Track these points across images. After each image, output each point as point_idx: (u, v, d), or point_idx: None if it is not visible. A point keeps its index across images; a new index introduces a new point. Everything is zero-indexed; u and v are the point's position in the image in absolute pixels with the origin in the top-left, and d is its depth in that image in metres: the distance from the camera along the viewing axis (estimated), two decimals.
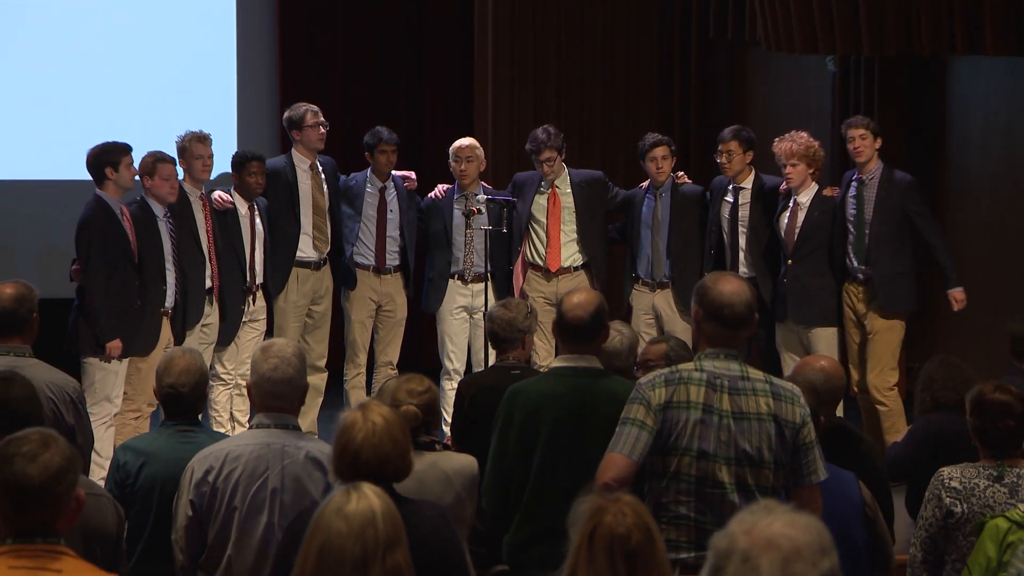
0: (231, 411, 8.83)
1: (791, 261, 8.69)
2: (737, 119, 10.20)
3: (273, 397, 4.79)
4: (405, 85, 12.15)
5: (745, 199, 8.93)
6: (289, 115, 9.16)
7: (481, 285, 9.10)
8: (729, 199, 8.98)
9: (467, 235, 9.18)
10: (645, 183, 9.27)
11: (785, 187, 8.78)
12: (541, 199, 9.27)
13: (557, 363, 5.37)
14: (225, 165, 8.96)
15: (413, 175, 9.39)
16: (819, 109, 10.65)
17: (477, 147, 9.30)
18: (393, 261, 9.25)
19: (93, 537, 4.38)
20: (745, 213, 8.91)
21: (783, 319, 8.74)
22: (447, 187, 9.34)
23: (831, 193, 8.79)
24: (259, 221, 8.86)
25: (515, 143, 10.28)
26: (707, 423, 4.45)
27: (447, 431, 7.81)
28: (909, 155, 9.78)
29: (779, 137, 8.76)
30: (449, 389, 8.73)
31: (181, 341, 8.24)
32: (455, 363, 9.21)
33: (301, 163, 9.10)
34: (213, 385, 8.49)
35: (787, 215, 8.74)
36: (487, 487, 5.36)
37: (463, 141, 9.31)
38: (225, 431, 8.35)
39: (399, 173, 9.31)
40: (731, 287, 4.53)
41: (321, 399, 9.17)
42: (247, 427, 6.74)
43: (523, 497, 5.25)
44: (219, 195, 8.70)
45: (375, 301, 9.27)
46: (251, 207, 8.83)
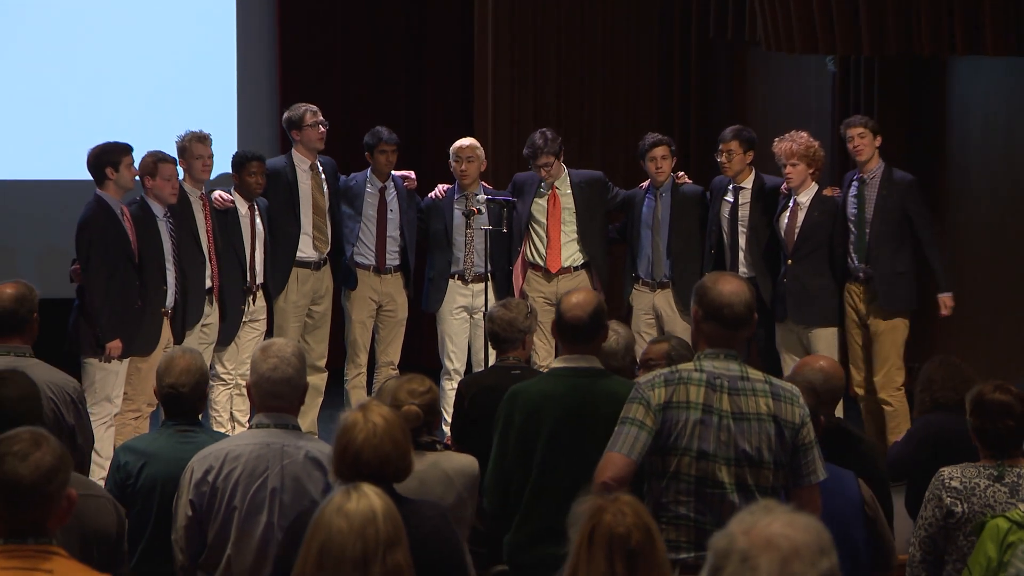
0: (231, 411, 8.84)
1: (791, 261, 8.69)
2: (737, 119, 10.20)
3: (273, 397, 4.79)
4: (405, 85, 12.14)
5: (745, 199, 8.93)
6: (288, 116, 9.16)
7: (481, 285, 9.10)
8: (729, 199, 8.97)
9: (467, 235, 9.18)
10: (645, 183, 9.27)
11: (785, 187, 8.79)
12: (541, 200, 9.27)
13: (557, 363, 5.38)
14: (225, 165, 8.96)
15: (413, 175, 9.39)
16: (819, 109, 10.64)
17: (477, 147, 9.31)
18: (393, 261, 9.25)
19: (91, 538, 4.36)
20: (745, 213, 8.91)
21: (783, 319, 8.74)
22: (447, 187, 9.34)
23: (831, 193, 8.79)
24: (259, 221, 8.86)
25: (515, 143, 10.28)
26: (707, 423, 4.45)
27: (447, 431, 7.81)
28: (909, 155, 9.77)
29: (779, 137, 8.76)
30: (449, 389, 8.73)
31: (181, 341, 8.24)
32: (455, 363, 9.21)
33: (301, 163, 9.10)
34: (213, 385, 8.50)
35: (787, 215, 8.74)
36: (488, 487, 5.37)
37: (463, 141, 9.32)
38: (225, 431, 8.35)
39: (399, 173, 9.31)
40: (730, 287, 4.53)
41: (321, 399, 9.17)
42: (247, 427, 6.75)
43: (523, 497, 5.26)
44: (219, 194, 8.71)
45: (376, 301, 9.28)
46: (251, 207, 8.84)
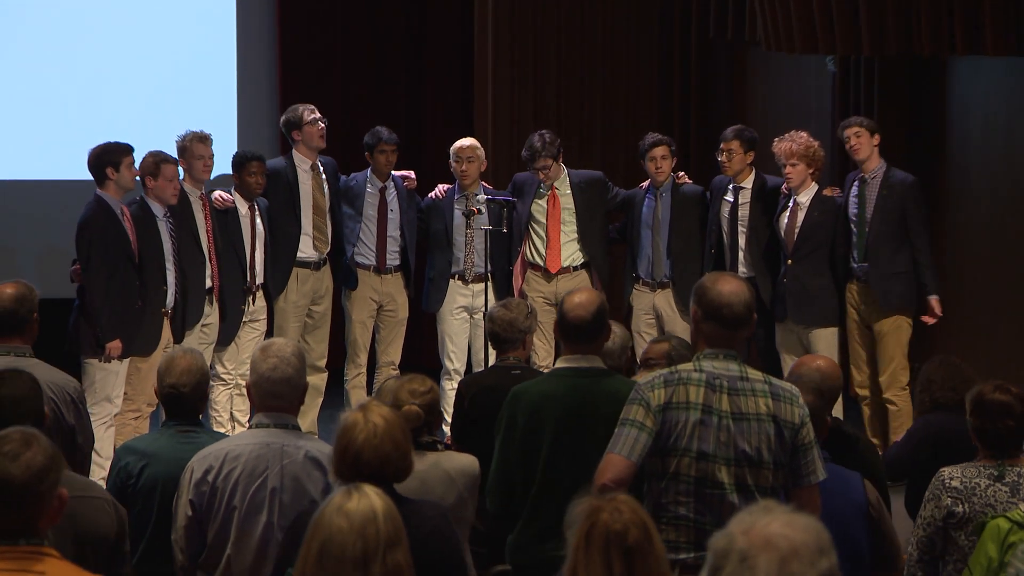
0: (231, 411, 8.84)
1: (791, 261, 8.69)
2: (737, 119, 10.19)
3: (272, 397, 4.79)
4: (405, 85, 12.14)
5: (745, 199, 8.93)
6: (287, 117, 9.14)
7: (481, 285, 9.10)
8: (729, 199, 8.98)
9: (467, 235, 9.18)
10: (645, 183, 9.27)
11: (785, 187, 8.79)
12: (541, 200, 9.27)
13: (560, 363, 5.37)
14: (225, 165, 8.96)
15: (413, 175, 9.39)
16: (819, 109, 10.64)
17: (478, 147, 9.31)
18: (394, 261, 9.25)
19: (86, 540, 4.32)
20: (745, 213, 8.91)
21: (783, 319, 8.74)
22: (447, 187, 9.34)
23: (831, 193, 8.79)
24: (259, 221, 8.86)
25: (515, 143, 10.28)
26: (706, 424, 4.45)
27: (447, 431, 7.81)
28: (909, 155, 9.76)
29: (779, 137, 8.76)
30: (449, 389, 8.73)
31: (181, 341, 8.25)
32: (455, 363, 9.21)
33: (302, 163, 9.09)
34: (213, 385, 8.49)
35: (787, 215, 8.74)
36: (491, 487, 5.36)
37: (464, 141, 9.32)
38: (225, 431, 8.36)
39: (399, 173, 9.31)
40: (730, 287, 4.53)
41: (321, 399, 9.17)
42: (247, 427, 6.75)
43: (527, 497, 5.25)
44: (220, 194, 8.70)
45: (376, 301, 9.28)
46: (251, 207, 8.83)
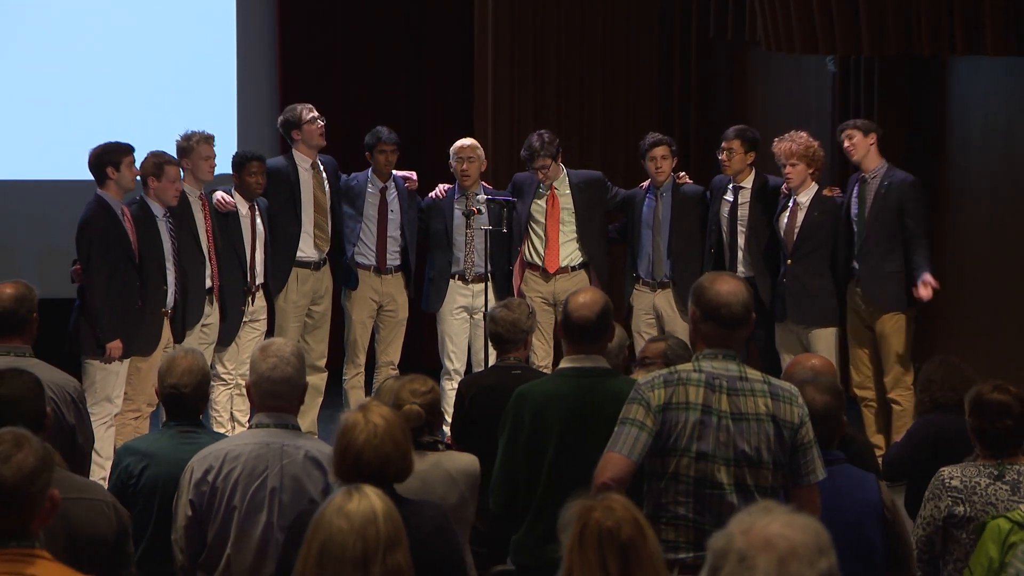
0: (231, 411, 8.84)
1: (791, 261, 8.69)
2: (737, 119, 10.19)
3: (272, 397, 4.79)
4: (405, 85, 12.15)
5: (745, 199, 8.93)
6: (285, 117, 9.13)
7: (481, 285, 9.11)
8: (729, 198, 8.98)
9: (467, 235, 9.18)
10: (646, 183, 9.27)
11: (785, 187, 8.79)
12: (540, 200, 9.27)
13: (564, 364, 5.37)
14: (225, 165, 8.95)
15: (414, 175, 9.39)
16: (819, 109, 10.63)
17: (478, 147, 9.31)
18: (394, 261, 9.25)
19: (80, 542, 4.28)
20: (744, 212, 8.91)
21: (782, 319, 8.74)
22: (448, 187, 9.34)
23: (831, 193, 8.79)
24: (259, 221, 8.86)
25: (515, 143, 10.27)
26: (706, 424, 4.45)
27: (447, 431, 7.81)
28: (909, 155, 9.76)
29: (779, 137, 8.76)
30: (449, 389, 8.73)
31: (181, 341, 8.25)
32: (455, 363, 9.22)
33: (303, 162, 9.09)
34: (214, 385, 8.48)
35: (787, 215, 8.74)
36: (494, 487, 5.35)
37: (464, 141, 9.32)
38: (225, 431, 8.36)
39: (400, 173, 9.31)
40: (728, 287, 4.52)
41: (321, 399, 9.18)
42: (247, 427, 6.75)
43: (532, 498, 5.24)
44: (221, 196, 8.69)
45: (376, 301, 9.28)
46: (251, 207, 8.83)
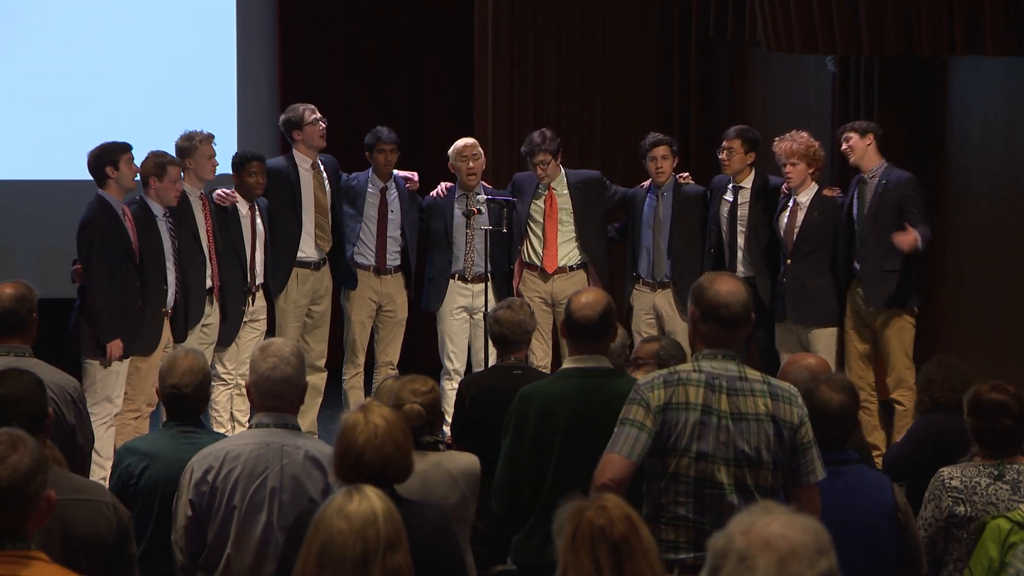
0: (231, 411, 8.84)
1: (790, 261, 8.69)
2: (737, 119, 10.19)
3: (272, 396, 4.79)
4: (405, 85, 12.15)
5: (744, 198, 8.93)
6: (287, 117, 9.13)
7: (481, 285, 9.10)
8: (728, 198, 8.98)
9: (467, 235, 9.18)
10: (647, 182, 9.27)
11: (786, 187, 8.79)
12: (538, 200, 9.28)
13: (567, 364, 5.37)
14: (225, 165, 8.95)
15: (415, 176, 9.38)
16: (819, 109, 10.62)
17: (478, 145, 9.33)
18: (394, 261, 9.24)
19: (77, 543, 4.25)
20: (744, 212, 8.91)
21: (782, 319, 8.73)
22: (449, 185, 9.34)
23: (831, 193, 8.79)
24: (259, 221, 8.86)
25: (515, 143, 10.27)
26: (706, 424, 4.45)
27: (447, 431, 7.81)
28: (909, 155, 9.75)
29: (779, 136, 8.77)
30: (449, 389, 8.73)
31: (182, 341, 8.25)
32: (455, 363, 9.21)
33: (303, 162, 9.08)
34: (214, 385, 8.48)
35: (786, 215, 8.74)
36: (498, 487, 5.35)
37: (466, 141, 9.31)
38: (225, 431, 8.36)
39: (402, 173, 9.30)
40: (727, 287, 4.52)
41: (320, 399, 9.17)
42: (247, 427, 6.76)
43: (537, 499, 5.23)
44: (222, 191, 8.69)
45: (375, 301, 9.27)
46: (252, 207, 8.83)
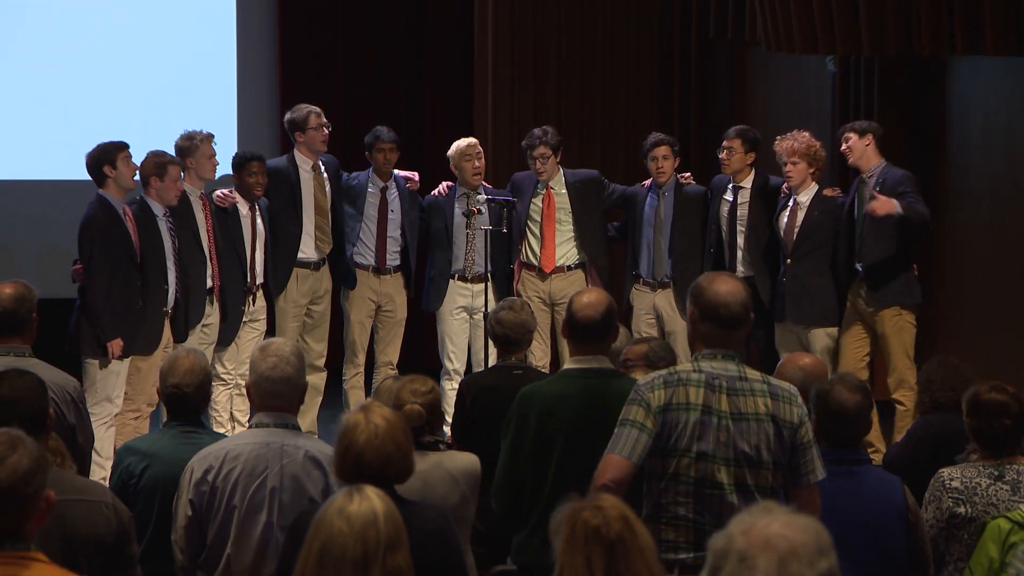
0: (231, 411, 8.84)
1: (790, 261, 8.69)
2: (737, 119, 10.20)
3: (272, 396, 4.79)
4: (405, 85, 12.15)
5: (744, 198, 8.93)
6: (291, 117, 9.13)
7: (481, 285, 9.10)
8: (728, 198, 8.98)
9: (467, 235, 9.17)
10: (647, 181, 9.27)
11: (786, 187, 8.78)
12: (536, 200, 9.28)
13: (569, 364, 5.36)
14: (225, 165, 8.95)
15: (416, 176, 9.37)
16: (819, 109, 10.64)
17: (479, 144, 9.34)
18: (393, 261, 9.24)
19: (77, 544, 4.24)
20: (744, 212, 8.92)
21: (782, 319, 8.73)
22: (450, 184, 9.34)
23: (831, 193, 8.79)
24: (260, 221, 8.85)
25: (515, 143, 10.28)
26: (706, 424, 4.44)
27: (447, 431, 7.81)
28: (909, 155, 9.77)
29: (780, 136, 8.77)
30: (449, 389, 8.72)
31: (182, 341, 8.25)
32: (455, 363, 9.21)
33: (304, 163, 9.08)
34: (214, 385, 8.48)
35: (787, 214, 8.74)
36: (498, 488, 5.34)
37: (468, 140, 9.30)
38: (225, 431, 8.35)
39: (402, 173, 9.29)
40: (726, 287, 4.51)
41: (320, 398, 9.17)
42: (247, 427, 6.76)
43: (538, 499, 5.22)
44: (221, 192, 8.69)
45: (375, 301, 9.27)
46: (252, 207, 8.83)
